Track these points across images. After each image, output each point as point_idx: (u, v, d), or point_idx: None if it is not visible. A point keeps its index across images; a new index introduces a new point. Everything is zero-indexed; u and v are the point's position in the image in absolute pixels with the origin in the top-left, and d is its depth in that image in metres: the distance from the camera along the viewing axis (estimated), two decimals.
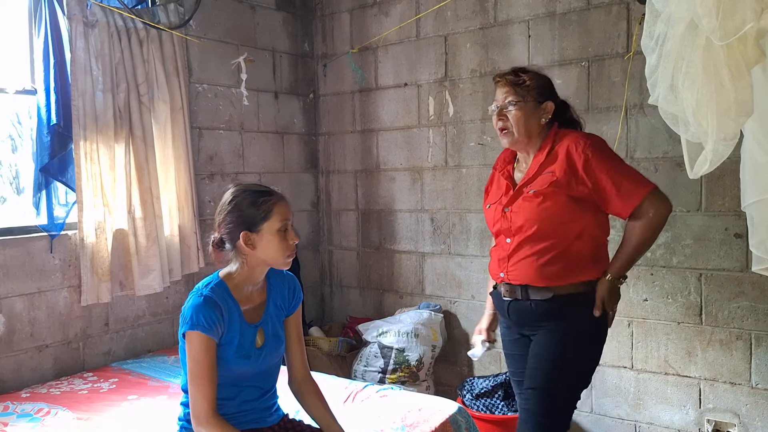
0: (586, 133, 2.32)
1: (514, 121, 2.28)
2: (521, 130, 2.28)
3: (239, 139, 4.08)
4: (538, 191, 2.22)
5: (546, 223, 2.20)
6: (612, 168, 2.18)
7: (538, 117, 2.30)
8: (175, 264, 3.55)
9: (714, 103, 1.55)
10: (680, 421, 3.23)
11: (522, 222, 2.24)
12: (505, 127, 2.30)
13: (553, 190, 2.19)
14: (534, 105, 2.28)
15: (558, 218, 2.19)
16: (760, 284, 2.98)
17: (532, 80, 2.29)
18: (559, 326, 2.23)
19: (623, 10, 3.26)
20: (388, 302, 4.32)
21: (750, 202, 1.69)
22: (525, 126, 2.28)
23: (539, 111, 2.30)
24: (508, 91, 2.29)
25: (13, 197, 3.29)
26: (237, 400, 1.97)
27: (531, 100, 2.28)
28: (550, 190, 2.19)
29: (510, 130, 2.29)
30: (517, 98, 2.27)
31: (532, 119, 2.28)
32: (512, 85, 2.29)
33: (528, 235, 2.23)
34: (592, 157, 2.18)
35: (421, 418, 2.56)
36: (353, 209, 4.47)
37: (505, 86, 2.31)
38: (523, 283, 2.25)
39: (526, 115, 2.27)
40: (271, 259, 1.93)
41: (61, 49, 3.10)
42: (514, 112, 2.27)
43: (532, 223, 2.21)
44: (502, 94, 2.31)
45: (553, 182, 2.20)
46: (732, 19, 1.46)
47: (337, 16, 4.42)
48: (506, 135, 2.31)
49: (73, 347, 3.26)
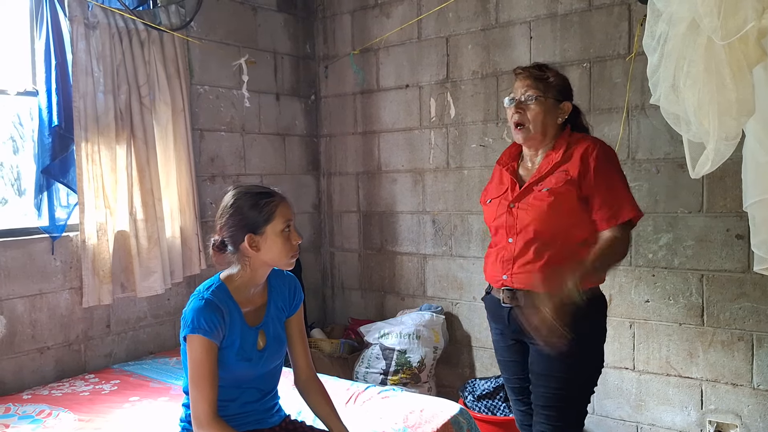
0: (603, 141, 2.30)
1: (532, 116, 2.24)
2: (538, 126, 2.25)
3: (240, 140, 4.08)
4: (552, 189, 2.19)
5: (553, 225, 2.18)
6: (617, 180, 2.19)
7: (556, 116, 2.28)
8: (176, 266, 3.54)
9: (715, 102, 1.55)
10: (682, 422, 3.22)
11: (529, 221, 2.21)
12: (521, 121, 2.26)
13: (567, 189, 2.17)
14: (553, 103, 2.26)
15: (565, 220, 2.17)
16: (762, 285, 2.97)
17: (556, 78, 2.28)
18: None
19: (625, 11, 3.26)
20: (389, 304, 4.31)
21: (751, 202, 1.69)
22: (542, 122, 2.25)
23: (557, 110, 2.28)
24: (529, 84, 2.25)
25: (15, 199, 3.29)
26: (238, 401, 1.96)
27: (551, 98, 2.26)
28: (564, 188, 2.18)
29: (526, 126, 2.26)
30: (538, 93, 2.24)
31: (549, 117, 2.26)
32: (535, 79, 2.25)
33: (533, 237, 2.20)
34: (605, 162, 2.19)
35: (423, 419, 2.55)
36: (355, 211, 4.47)
37: (527, 79, 2.27)
38: (527, 288, 2.21)
39: (545, 111, 2.25)
40: (275, 260, 1.93)
41: (62, 51, 3.11)
42: (534, 107, 2.24)
43: (538, 224, 2.19)
44: (523, 87, 2.27)
45: (567, 181, 2.18)
46: (733, 19, 1.46)
47: (339, 17, 4.42)
48: (521, 131, 2.27)
49: (75, 349, 3.26)
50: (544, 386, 2.24)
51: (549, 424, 2.26)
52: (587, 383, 2.28)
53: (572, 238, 2.19)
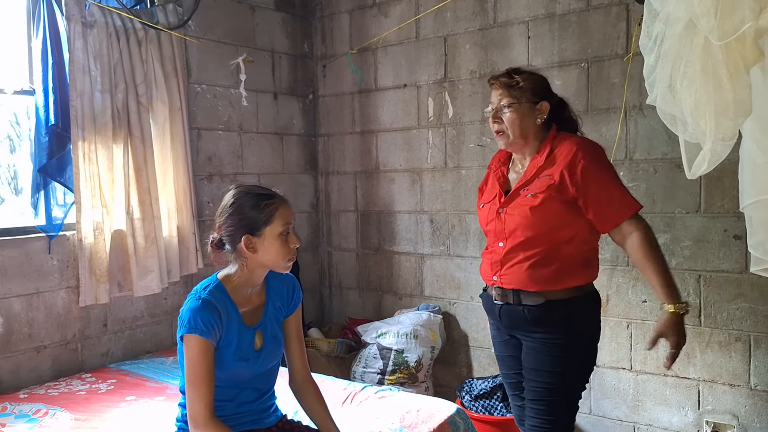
0: (587, 139, 2.32)
1: (509, 123, 2.27)
2: (516, 131, 2.28)
3: (238, 139, 4.07)
4: (535, 194, 2.22)
5: (538, 228, 2.20)
6: (607, 180, 2.20)
7: (534, 118, 2.29)
8: (173, 265, 3.54)
9: (712, 103, 1.54)
10: (679, 422, 3.22)
11: (515, 225, 2.24)
12: (500, 129, 2.30)
13: (550, 194, 2.20)
14: (529, 106, 2.28)
15: (551, 222, 2.20)
16: (759, 286, 2.97)
17: (526, 81, 2.29)
18: (552, 334, 2.23)
19: (622, 11, 3.26)
20: (387, 303, 4.31)
21: (748, 203, 1.69)
22: (520, 128, 2.27)
23: (534, 112, 2.29)
24: (502, 93, 2.29)
25: (12, 198, 3.29)
26: (235, 401, 1.96)
27: (526, 102, 2.27)
28: (547, 194, 2.20)
29: (506, 132, 2.29)
30: (511, 100, 2.27)
31: (527, 120, 2.28)
32: (506, 87, 2.29)
33: (520, 240, 2.24)
34: (590, 164, 2.19)
35: (420, 419, 2.56)
36: (352, 210, 4.46)
37: (498, 88, 2.31)
38: (515, 287, 2.26)
39: (521, 116, 2.27)
40: (272, 262, 1.93)
41: (59, 50, 3.10)
42: (509, 115, 2.27)
43: (525, 228, 2.22)
44: (497, 97, 2.31)
45: (550, 185, 2.20)
46: (730, 19, 1.45)
47: (337, 16, 4.42)
48: (502, 137, 2.32)
49: (72, 348, 3.25)
50: (535, 380, 2.27)
51: (539, 418, 2.28)
52: (578, 378, 2.30)
53: (557, 238, 2.21)
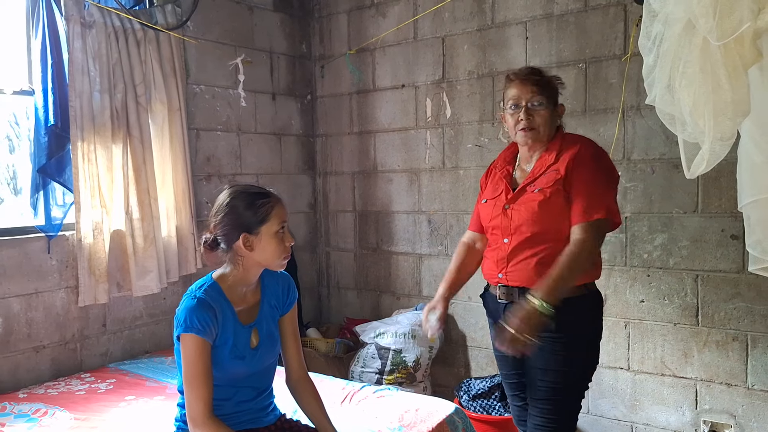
0: (595, 142, 2.35)
1: (542, 121, 2.30)
2: (547, 129, 2.31)
3: (236, 140, 4.08)
4: (543, 188, 2.24)
5: (544, 224, 2.22)
6: (596, 178, 2.22)
7: (556, 119, 2.35)
8: (172, 265, 3.54)
9: (711, 103, 1.55)
10: (676, 422, 3.23)
11: (522, 221, 2.25)
12: (532, 125, 2.29)
13: (557, 189, 2.21)
14: (553, 107, 2.33)
15: (557, 218, 2.21)
16: (757, 285, 2.99)
17: (552, 82, 2.34)
18: (559, 333, 2.22)
19: (620, 12, 3.27)
20: (385, 303, 4.32)
21: (747, 202, 1.70)
22: (549, 126, 2.31)
23: (556, 113, 2.35)
24: (534, 90, 2.29)
25: (11, 198, 3.29)
26: (233, 400, 1.97)
27: (553, 102, 2.33)
28: (554, 188, 2.22)
29: (536, 129, 2.30)
30: (543, 98, 2.29)
31: (553, 120, 2.33)
32: (538, 84, 2.30)
33: (527, 236, 2.25)
34: (589, 158, 2.24)
35: (418, 419, 2.56)
36: (350, 210, 4.47)
37: (532, 85, 2.30)
38: (522, 285, 2.26)
39: (551, 115, 2.32)
40: (268, 261, 1.94)
41: (58, 50, 3.10)
42: (542, 112, 2.29)
43: (531, 224, 2.23)
44: (528, 93, 2.29)
45: (557, 180, 2.22)
46: (729, 19, 1.46)
47: (335, 17, 4.43)
48: (530, 133, 2.30)
49: (71, 348, 3.25)
50: (541, 380, 2.27)
51: (544, 417, 2.29)
52: (583, 378, 2.32)
53: (563, 235, 2.22)
